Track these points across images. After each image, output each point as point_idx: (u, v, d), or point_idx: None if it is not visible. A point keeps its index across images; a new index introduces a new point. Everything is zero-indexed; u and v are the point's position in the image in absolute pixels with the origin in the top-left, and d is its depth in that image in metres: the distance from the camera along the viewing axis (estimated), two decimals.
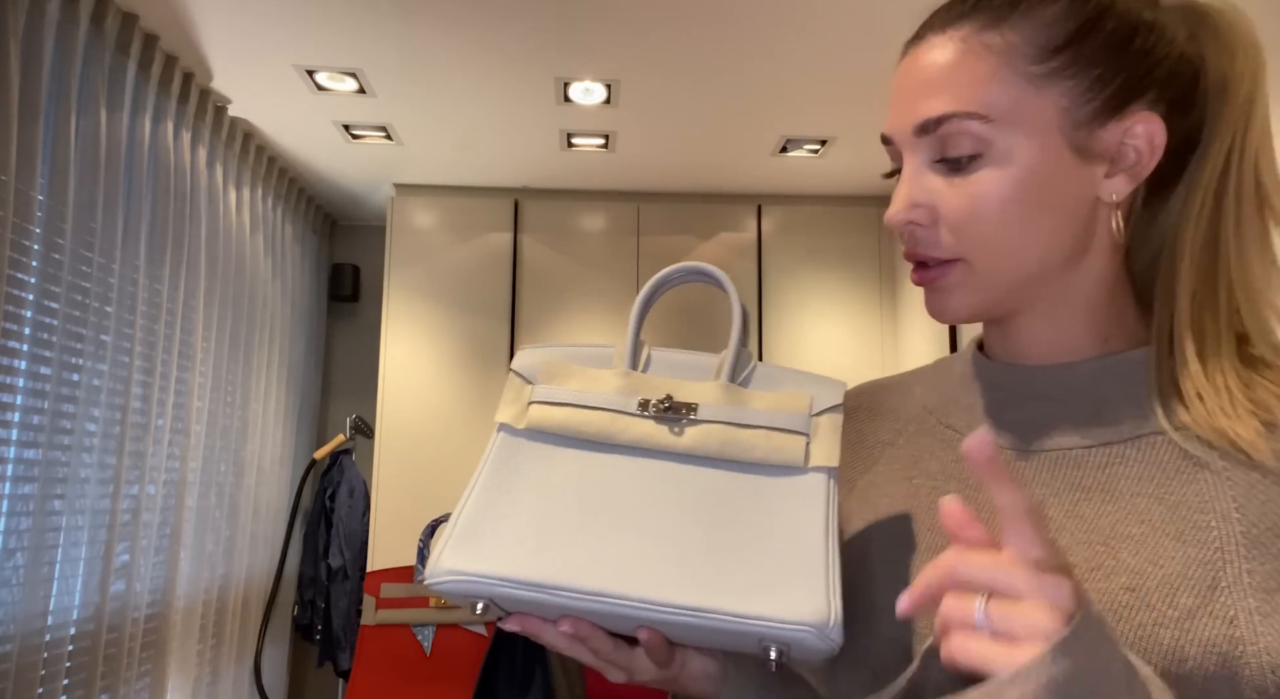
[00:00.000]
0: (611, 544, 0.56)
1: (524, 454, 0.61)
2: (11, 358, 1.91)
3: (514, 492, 0.59)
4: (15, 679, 1.90)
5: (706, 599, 0.53)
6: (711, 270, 0.65)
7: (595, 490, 0.58)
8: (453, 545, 0.56)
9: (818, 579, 0.54)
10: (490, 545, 0.56)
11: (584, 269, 3.50)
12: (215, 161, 2.81)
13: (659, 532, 0.56)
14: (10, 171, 1.83)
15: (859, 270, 3.57)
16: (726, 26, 2.31)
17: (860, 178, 3.41)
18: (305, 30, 2.35)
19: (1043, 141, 0.55)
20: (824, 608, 0.53)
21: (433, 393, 3.38)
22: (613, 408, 0.60)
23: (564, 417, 0.61)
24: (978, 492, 0.61)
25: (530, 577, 0.54)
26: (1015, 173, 0.55)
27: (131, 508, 2.37)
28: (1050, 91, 0.55)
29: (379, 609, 2.69)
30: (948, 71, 0.56)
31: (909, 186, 0.59)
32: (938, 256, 0.58)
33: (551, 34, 2.36)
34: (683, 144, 3.10)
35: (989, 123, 0.55)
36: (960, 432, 0.65)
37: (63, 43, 2.02)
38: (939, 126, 0.56)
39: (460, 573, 0.55)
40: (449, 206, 3.50)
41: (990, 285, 0.58)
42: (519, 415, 0.62)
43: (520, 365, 0.65)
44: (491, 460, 0.61)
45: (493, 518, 0.58)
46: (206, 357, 2.80)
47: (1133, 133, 0.56)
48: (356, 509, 3.46)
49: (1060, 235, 0.57)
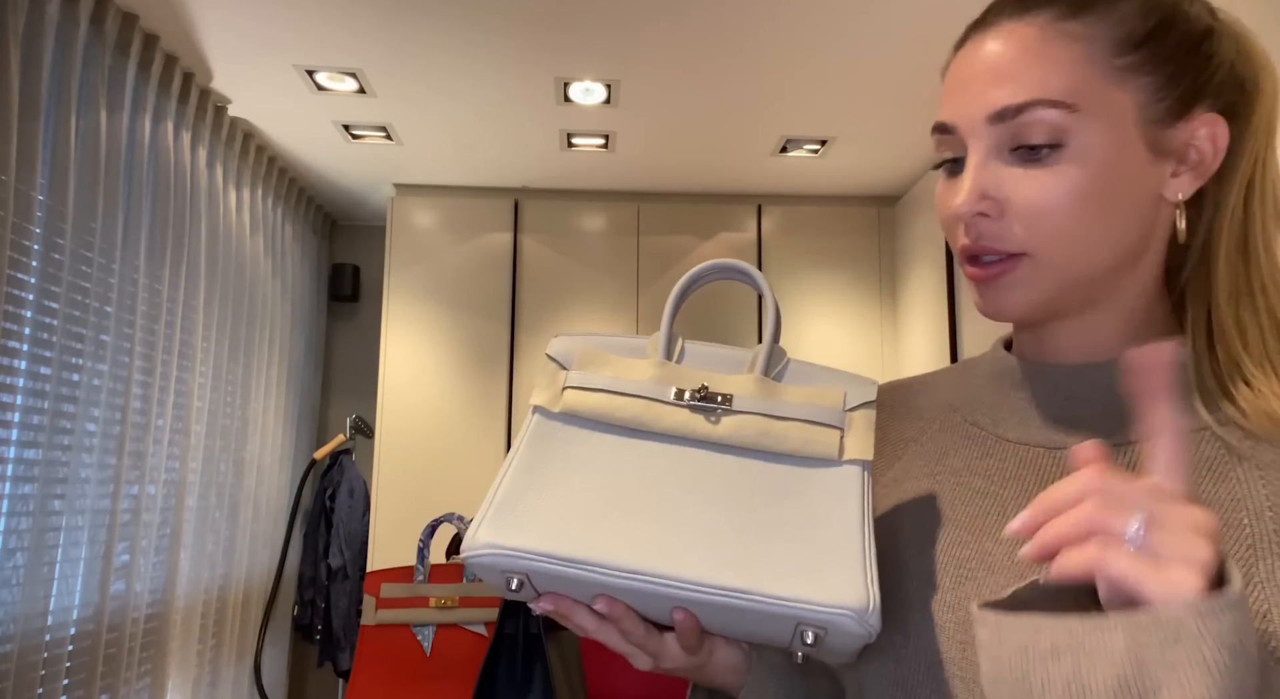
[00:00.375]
0: (650, 525, 0.55)
1: (559, 437, 0.61)
2: (11, 358, 1.91)
3: (550, 471, 0.59)
4: (15, 679, 1.90)
5: (746, 580, 0.53)
6: (745, 268, 0.65)
7: (631, 474, 0.58)
8: (490, 520, 0.56)
9: (856, 566, 0.54)
10: (528, 521, 0.56)
11: (584, 269, 3.50)
12: (215, 161, 2.81)
13: (696, 516, 0.56)
14: (10, 171, 1.83)
15: (859, 270, 3.57)
16: (726, 26, 2.31)
17: (860, 178, 3.41)
18: (305, 30, 2.35)
19: (1120, 136, 0.55)
20: (864, 593, 0.53)
21: (433, 393, 3.38)
22: (648, 396, 0.60)
23: (599, 402, 0.61)
24: (1002, 488, 0.61)
25: (569, 553, 0.54)
26: (1094, 166, 0.55)
27: (131, 508, 2.37)
28: (1129, 86, 0.55)
29: (379, 609, 2.69)
30: (1029, 58, 0.55)
31: (979, 176, 0.57)
32: (1005, 250, 0.57)
33: (551, 34, 2.36)
34: (683, 144, 3.10)
35: (1073, 113, 0.54)
36: (985, 429, 0.65)
37: (63, 43, 2.02)
38: (1018, 115, 0.55)
39: (498, 547, 0.54)
40: (449, 206, 3.50)
41: (1054, 281, 0.57)
42: (554, 399, 0.62)
43: (555, 351, 0.65)
44: (528, 440, 0.61)
45: (530, 495, 0.57)
46: (206, 357, 2.80)
47: (1199, 134, 0.57)
48: (356, 509, 3.46)
49: (1128, 233, 0.57)
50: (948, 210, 0.59)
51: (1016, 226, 0.56)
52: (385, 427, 3.35)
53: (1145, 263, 0.60)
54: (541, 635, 1.96)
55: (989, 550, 0.59)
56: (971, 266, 0.59)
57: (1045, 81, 0.54)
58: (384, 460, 3.34)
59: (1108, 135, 0.55)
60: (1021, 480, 0.60)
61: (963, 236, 0.58)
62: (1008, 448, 0.62)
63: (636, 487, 0.57)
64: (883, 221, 3.59)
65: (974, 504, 0.62)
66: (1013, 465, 0.61)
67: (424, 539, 2.27)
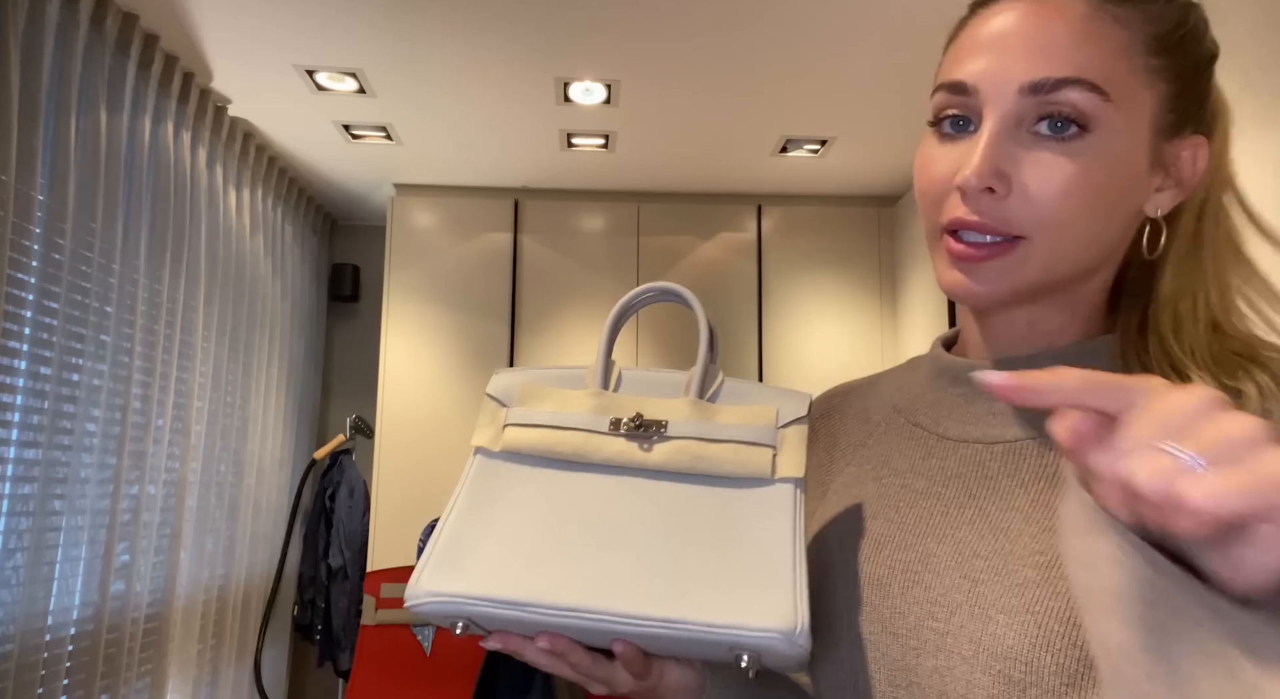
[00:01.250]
0: (585, 560, 0.57)
1: (500, 476, 0.62)
2: (11, 358, 1.91)
3: (490, 512, 0.60)
4: (15, 679, 1.90)
5: (676, 610, 0.54)
6: (678, 290, 0.67)
7: (569, 508, 0.60)
8: (431, 566, 0.58)
9: (785, 587, 0.55)
10: (467, 566, 0.57)
11: (584, 269, 3.50)
12: (215, 162, 2.81)
13: (631, 546, 0.58)
14: (10, 171, 1.83)
15: (859, 270, 3.56)
16: (726, 27, 2.31)
17: (860, 178, 3.41)
18: (305, 30, 2.35)
19: (1137, 137, 0.54)
20: (791, 614, 0.54)
21: (433, 393, 3.38)
22: (586, 427, 0.62)
23: (538, 438, 0.62)
24: (944, 487, 0.61)
25: (506, 595, 0.55)
26: (1110, 160, 0.53)
27: (131, 508, 2.37)
28: (1154, 88, 0.54)
29: (379, 609, 2.70)
30: (1075, 34, 0.52)
31: (994, 149, 0.53)
32: (1006, 231, 0.54)
33: (551, 34, 2.36)
34: (683, 144, 3.10)
35: (1106, 101, 0.52)
36: (927, 429, 0.65)
37: (63, 43, 2.02)
38: (1055, 90, 0.52)
39: (437, 594, 0.56)
40: (449, 206, 3.50)
41: (1038, 271, 0.55)
42: (495, 438, 0.64)
43: (495, 389, 0.66)
44: (469, 483, 0.62)
45: (469, 539, 0.59)
46: (206, 357, 2.80)
47: (1184, 155, 0.57)
48: (356, 509, 3.46)
49: (1115, 236, 0.57)
50: (945, 178, 0.56)
51: (1021, 208, 0.53)
52: (385, 427, 3.35)
53: (1107, 268, 0.60)
54: None
55: (933, 551, 0.59)
56: (956, 242, 0.55)
57: (1088, 62, 0.52)
58: (384, 460, 3.34)
59: (1128, 133, 0.53)
60: (962, 478, 0.60)
61: (958, 208, 0.55)
62: (948, 446, 0.62)
63: (575, 520, 0.59)
64: (883, 221, 3.59)
65: (918, 505, 0.62)
66: (954, 464, 0.61)
67: (424, 539, 2.27)
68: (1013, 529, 0.56)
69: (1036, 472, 0.57)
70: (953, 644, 0.54)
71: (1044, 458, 0.57)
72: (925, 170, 0.58)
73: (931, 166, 0.57)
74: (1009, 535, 0.56)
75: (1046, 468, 0.57)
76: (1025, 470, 0.58)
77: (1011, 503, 0.57)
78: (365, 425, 3.55)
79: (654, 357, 3.44)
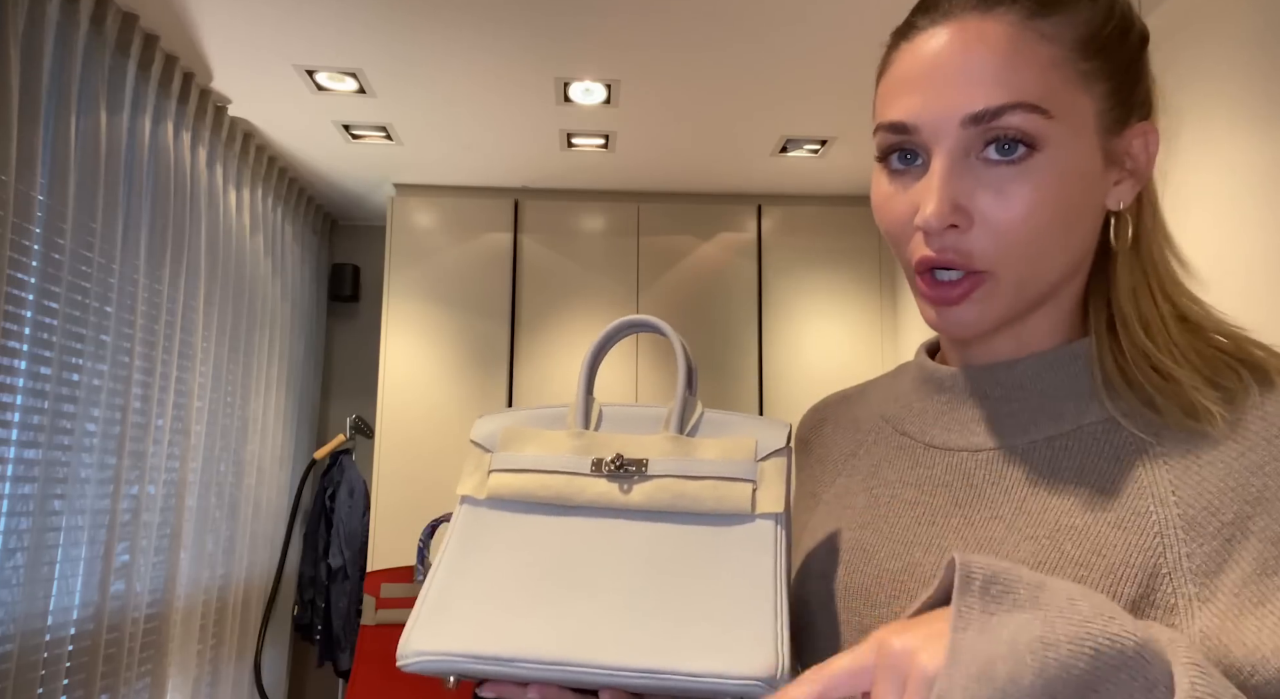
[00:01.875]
0: (566, 611, 0.58)
1: (486, 524, 0.63)
2: (11, 358, 1.91)
3: (477, 564, 0.61)
4: (15, 679, 1.90)
5: (659, 660, 0.55)
6: (654, 322, 0.66)
7: (553, 555, 0.60)
8: (421, 624, 0.58)
9: (766, 631, 0.56)
10: (453, 623, 0.58)
11: (584, 269, 3.50)
12: (215, 161, 2.81)
13: (613, 593, 0.58)
14: (10, 171, 1.83)
15: (859, 270, 3.57)
16: (726, 27, 2.31)
17: (860, 178, 3.41)
18: (305, 30, 2.35)
19: (1085, 143, 0.54)
20: (772, 660, 0.54)
21: (433, 393, 3.38)
22: (568, 470, 0.62)
23: (521, 483, 0.63)
24: (932, 496, 0.61)
25: (490, 651, 0.56)
26: (1062, 175, 0.53)
27: (131, 508, 2.37)
28: (1093, 91, 0.54)
29: (379, 609, 2.70)
30: (1003, 58, 0.52)
31: (950, 185, 0.53)
32: (971, 266, 0.54)
33: (551, 34, 2.36)
34: (683, 144, 3.10)
35: (1048, 119, 0.52)
36: (914, 438, 0.65)
37: (63, 43, 2.02)
38: (996, 118, 0.51)
39: (425, 654, 0.57)
40: (449, 206, 3.50)
41: (1011, 297, 0.55)
42: (479, 485, 0.64)
43: (479, 435, 0.67)
44: (456, 534, 0.63)
45: (454, 592, 0.60)
46: (206, 357, 2.80)
47: (1135, 142, 0.57)
48: (356, 509, 3.46)
49: (1083, 243, 0.57)
50: (905, 218, 0.56)
51: (985, 239, 0.53)
52: (385, 427, 3.35)
53: (1082, 269, 0.60)
54: None
55: (919, 561, 0.59)
56: (929, 285, 0.56)
57: (1024, 83, 0.51)
58: (384, 460, 3.34)
59: (1075, 142, 0.53)
60: (949, 486, 0.60)
61: (923, 247, 0.55)
62: (935, 455, 0.62)
63: (558, 567, 0.59)
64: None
65: (906, 515, 0.62)
66: (940, 472, 0.61)
67: (424, 539, 2.27)
68: (995, 538, 0.56)
69: (1019, 478, 0.57)
70: None
71: (1026, 464, 0.57)
72: (884, 211, 0.58)
73: (889, 207, 0.57)
74: (992, 544, 0.56)
75: (1029, 474, 0.57)
76: (1009, 477, 0.58)
77: (996, 511, 0.57)
78: (365, 425, 3.55)
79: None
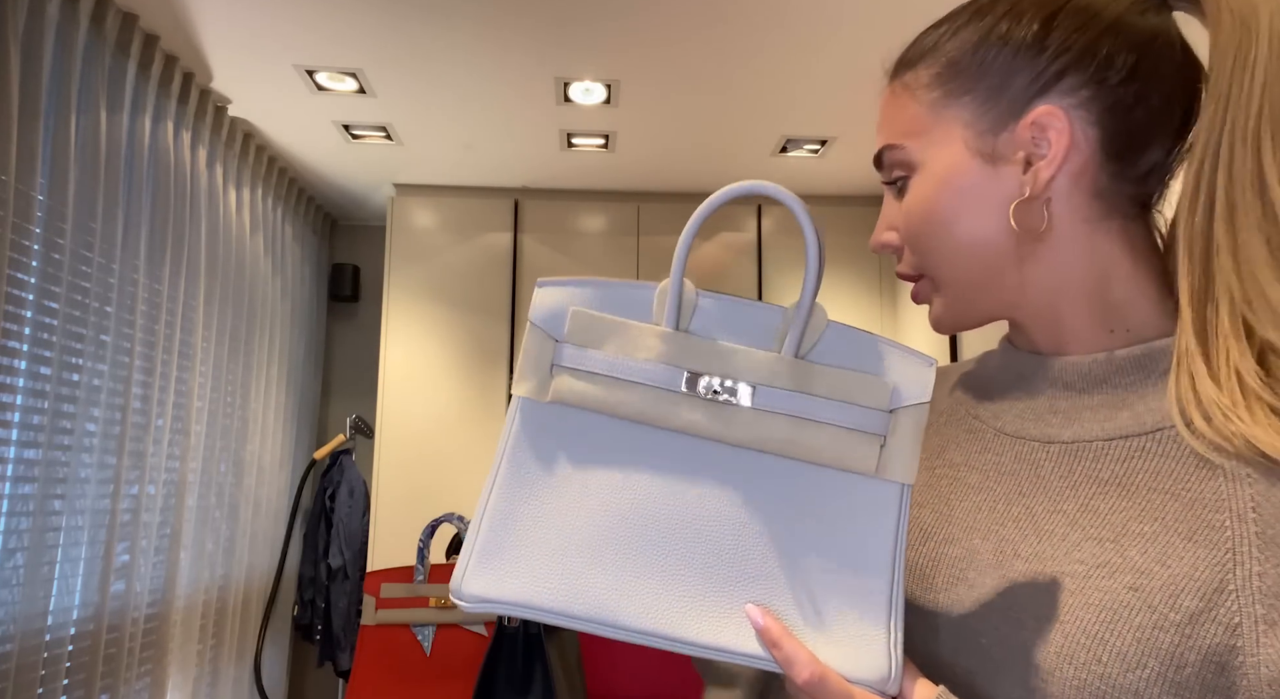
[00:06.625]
0: (650, 573, 0.50)
1: (548, 437, 0.52)
2: (11, 358, 1.91)
3: (539, 492, 0.51)
4: (15, 679, 1.90)
5: (756, 646, 0.49)
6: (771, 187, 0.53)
7: (633, 496, 0.51)
8: (477, 563, 0.50)
9: (878, 627, 0.49)
10: (516, 563, 0.50)
11: (584, 269, 3.50)
12: (215, 161, 2.81)
13: (705, 557, 0.50)
14: (10, 171, 1.83)
15: (859, 270, 3.57)
16: (726, 27, 2.31)
17: (860, 178, 3.41)
18: (305, 30, 2.35)
19: (950, 154, 0.60)
20: (884, 663, 0.48)
21: (433, 393, 3.38)
22: (656, 384, 0.51)
23: (596, 393, 0.51)
24: (996, 483, 0.60)
25: (563, 607, 0.49)
26: (940, 179, 0.60)
27: (131, 508, 2.37)
28: (949, 112, 0.60)
29: (379, 609, 2.69)
30: (884, 113, 0.66)
31: (883, 216, 0.66)
32: (907, 273, 0.65)
33: (551, 34, 2.36)
34: (683, 144, 3.10)
35: (909, 147, 0.62)
36: (986, 422, 0.64)
37: (63, 43, 2.02)
38: (879, 161, 0.65)
39: (486, 599, 0.50)
40: (449, 206, 3.50)
41: (952, 293, 0.62)
42: (542, 385, 0.52)
43: (540, 316, 0.53)
44: (511, 449, 0.52)
45: (517, 528, 0.51)
46: (206, 357, 2.80)
47: (1035, 126, 0.57)
48: (356, 509, 3.46)
49: (992, 237, 0.59)
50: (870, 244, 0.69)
51: (907, 251, 0.64)
52: (385, 427, 3.35)
53: (1059, 256, 0.58)
54: (541, 636, 1.96)
55: (977, 548, 0.58)
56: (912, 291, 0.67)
57: (892, 128, 0.64)
58: (384, 460, 3.34)
59: (944, 152, 0.60)
60: (1015, 475, 0.60)
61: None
62: (1005, 442, 0.62)
63: (640, 513, 0.51)
64: None
65: (969, 499, 0.61)
66: (1009, 460, 0.61)
67: (424, 539, 2.27)
68: (1056, 533, 0.55)
69: (1089, 475, 0.56)
70: (987, 646, 0.54)
71: (1098, 461, 0.56)
72: None
73: None
74: (1051, 539, 0.55)
75: (1099, 472, 0.55)
76: (1078, 472, 0.56)
77: (1059, 505, 0.56)
78: (365, 425, 3.55)
79: None
